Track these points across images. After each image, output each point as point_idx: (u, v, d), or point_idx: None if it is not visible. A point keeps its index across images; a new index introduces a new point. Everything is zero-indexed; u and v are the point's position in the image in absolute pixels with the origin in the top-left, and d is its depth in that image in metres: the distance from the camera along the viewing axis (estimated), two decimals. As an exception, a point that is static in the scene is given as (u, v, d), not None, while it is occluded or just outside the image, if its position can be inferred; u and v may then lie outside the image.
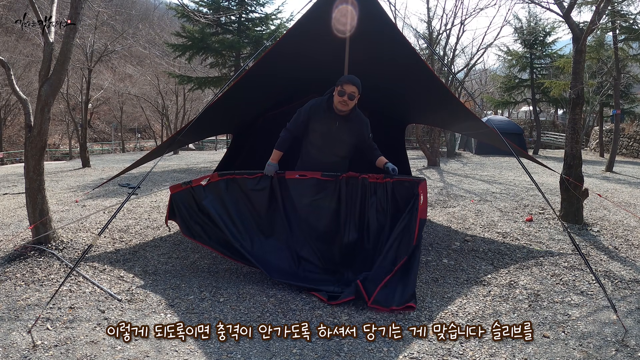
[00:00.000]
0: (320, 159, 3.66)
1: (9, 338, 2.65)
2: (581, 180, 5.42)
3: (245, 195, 3.70)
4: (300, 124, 3.67)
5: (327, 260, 3.63)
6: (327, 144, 3.61)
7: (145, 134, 41.40)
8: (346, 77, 3.55)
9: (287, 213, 3.68)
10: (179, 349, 2.63)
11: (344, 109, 3.51)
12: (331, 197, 3.60)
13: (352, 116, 3.60)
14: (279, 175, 3.65)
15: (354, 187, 3.59)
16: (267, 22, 14.29)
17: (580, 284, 3.71)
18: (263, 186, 3.66)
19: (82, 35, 13.75)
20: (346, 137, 3.63)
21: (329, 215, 3.63)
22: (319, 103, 3.64)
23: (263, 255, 3.60)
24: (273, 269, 3.55)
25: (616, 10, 12.74)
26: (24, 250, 4.07)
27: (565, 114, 29.68)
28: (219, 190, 3.68)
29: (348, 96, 3.45)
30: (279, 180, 3.66)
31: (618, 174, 11.89)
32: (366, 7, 3.76)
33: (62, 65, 4.18)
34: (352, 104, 3.51)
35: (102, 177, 10.06)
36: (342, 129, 3.58)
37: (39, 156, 4.15)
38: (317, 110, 3.62)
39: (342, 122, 3.58)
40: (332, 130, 3.58)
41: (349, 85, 3.45)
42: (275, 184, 3.66)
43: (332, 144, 3.62)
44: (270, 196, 3.68)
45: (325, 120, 3.58)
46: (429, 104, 5.49)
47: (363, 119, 3.72)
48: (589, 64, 16.63)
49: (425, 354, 2.63)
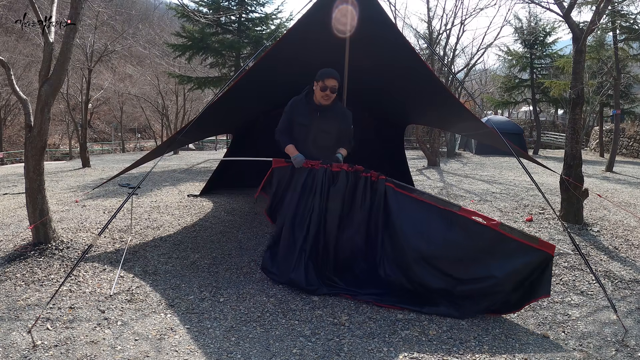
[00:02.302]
0: (303, 150, 3.75)
1: (9, 338, 2.65)
2: (581, 181, 5.42)
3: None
4: (287, 121, 3.79)
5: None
6: (310, 136, 3.71)
7: (145, 134, 41.38)
8: (326, 71, 3.61)
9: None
10: (178, 349, 2.63)
11: (326, 102, 3.63)
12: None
13: (333, 107, 3.71)
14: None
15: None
16: (267, 22, 14.27)
17: (580, 284, 3.71)
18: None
19: (82, 35, 13.72)
20: (328, 128, 3.72)
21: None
22: (299, 99, 3.76)
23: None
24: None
25: (616, 10, 12.73)
26: (24, 250, 4.07)
27: (565, 114, 29.68)
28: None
29: (330, 90, 3.57)
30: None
31: (618, 174, 11.89)
32: (366, 8, 3.76)
33: (62, 65, 4.18)
34: (333, 96, 3.64)
35: (102, 177, 10.06)
36: (323, 120, 3.69)
37: (39, 156, 4.15)
38: (297, 105, 3.75)
39: (323, 113, 3.69)
40: (314, 122, 3.69)
41: (330, 79, 3.56)
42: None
43: (314, 135, 3.71)
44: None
45: (307, 113, 3.70)
46: (429, 105, 5.49)
47: (345, 110, 3.83)
48: (589, 64, 16.62)
49: (425, 354, 2.63)
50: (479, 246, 3.11)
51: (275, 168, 3.72)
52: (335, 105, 3.73)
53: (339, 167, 3.53)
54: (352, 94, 4.59)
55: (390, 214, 3.43)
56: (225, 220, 5.67)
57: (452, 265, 3.17)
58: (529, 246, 2.99)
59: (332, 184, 3.53)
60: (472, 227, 3.14)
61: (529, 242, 3.01)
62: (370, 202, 3.50)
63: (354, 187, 3.53)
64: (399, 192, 3.45)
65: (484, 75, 31.08)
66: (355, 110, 4.14)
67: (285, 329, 2.91)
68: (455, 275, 3.15)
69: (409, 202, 3.41)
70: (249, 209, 6.35)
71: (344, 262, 3.58)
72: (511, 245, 3.02)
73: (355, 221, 3.53)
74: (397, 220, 3.39)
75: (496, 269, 3.03)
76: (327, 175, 3.52)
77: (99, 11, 13.86)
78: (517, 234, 3.06)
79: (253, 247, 4.61)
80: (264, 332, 2.87)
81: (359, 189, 3.52)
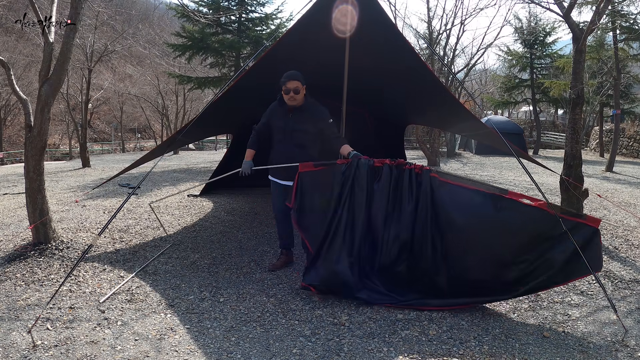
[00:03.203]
0: (281, 150, 3.88)
1: (9, 338, 2.65)
2: (581, 181, 5.42)
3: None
4: (262, 125, 3.97)
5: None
6: (286, 136, 3.83)
7: (145, 134, 41.38)
8: (287, 74, 3.74)
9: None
10: (178, 349, 2.63)
11: (293, 103, 3.77)
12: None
13: (305, 106, 3.82)
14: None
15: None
16: (267, 22, 14.27)
17: (580, 284, 3.71)
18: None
19: (82, 35, 13.72)
20: (302, 127, 3.81)
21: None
22: (275, 103, 3.94)
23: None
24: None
25: (616, 10, 12.73)
26: (24, 250, 4.07)
27: (565, 114, 29.67)
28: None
29: (293, 91, 3.71)
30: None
31: (618, 174, 11.89)
32: (366, 8, 3.76)
33: (62, 65, 4.18)
34: (299, 97, 3.75)
35: (102, 177, 10.06)
36: (297, 119, 3.81)
37: (39, 156, 4.15)
38: (273, 109, 3.93)
39: (296, 113, 3.82)
40: (288, 122, 3.82)
41: (291, 82, 3.70)
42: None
43: (290, 134, 3.82)
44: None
45: (281, 115, 3.86)
46: (429, 106, 5.49)
47: (318, 107, 3.87)
48: (589, 64, 16.62)
49: (425, 354, 2.63)
50: (530, 228, 3.09)
51: (301, 173, 3.57)
52: (308, 104, 3.82)
53: (381, 162, 3.42)
54: (352, 94, 4.58)
55: (440, 206, 3.29)
56: (225, 220, 5.67)
57: (505, 250, 3.12)
58: (577, 222, 3.00)
59: (376, 181, 3.40)
60: (523, 209, 3.12)
61: (577, 219, 3.02)
62: (416, 196, 3.35)
63: (398, 182, 3.39)
64: (444, 183, 3.31)
65: (484, 75, 31.08)
66: (355, 110, 4.14)
67: (285, 329, 2.91)
68: (508, 259, 3.11)
69: (457, 191, 3.28)
70: (249, 209, 6.35)
71: (390, 263, 3.41)
72: (560, 223, 3.01)
73: (403, 218, 3.36)
74: (448, 213, 3.25)
75: (548, 249, 3.04)
76: (369, 171, 3.40)
77: (99, 11, 13.85)
78: (564, 212, 3.08)
79: (253, 247, 4.61)
80: (264, 332, 2.87)
81: (404, 183, 3.37)
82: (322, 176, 3.53)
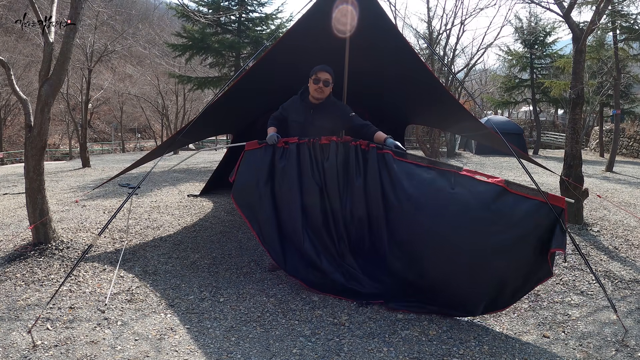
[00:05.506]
0: None
1: (9, 338, 2.65)
2: (581, 181, 5.42)
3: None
4: (280, 116, 3.89)
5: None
6: (304, 132, 3.75)
7: (145, 134, 41.37)
8: (319, 66, 3.70)
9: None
10: (178, 349, 2.63)
11: (320, 96, 3.68)
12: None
13: (326, 103, 3.76)
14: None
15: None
16: (267, 22, 14.27)
17: (580, 284, 3.71)
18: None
19: (82, 35, 13.72)
20: (322, 124, 3.74)
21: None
22: (295, 97, 3.87)
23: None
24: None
25: (616, 10, 12.73)
26: (24, 250, 4.07)
27: (565, 114, 29.67)
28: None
29: (323, 83, 3.64)
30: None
31: (618, 174, 11.89)
32: (366, 8, 3.76)
33: (62, 65, 4.18)
34: (327, 90, 3.69)
35: (102, 177, 10.06)
36: (317, 116, 3.74)
37: (39, 156, 4.15)
38: (292, 103, 3.85)
39: (317, 110, 3.75)
40: (308, 118, 3.75)
41: (323, 73, 3.63)
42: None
43: (308, 131, 3.75)
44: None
45: (301, 110, 3.78)
46: (429, 106, 5.49)
47: (339, 103, 3.86)
48: (589, 64, 16.63)
49: (425, 354, 2.63)
50: (485, 206, 2.92)
51: (246, 151, 3.58)
52: (330, 102, 3.78)
53: (328, 139, 3.44)
54: (352, 95, 4.58)
55: (395, 182, 3.22)
56: (225, 220, 5.67)
57: (462, 230, 2.95)
58: (537, 201, 2.85)
59: (325, 159, 3.43)
60: (478, 187, 2.97)
61: (537, 198, 2.86)
62: (364, 172, 3.33)
63: (346, 158, 3.41)
64: (399, 161, 3.28)
65: (484, 75, 31.07)
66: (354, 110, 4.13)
67: (285, 329, 2.91)
68: (465, 239, 2.94)
69: (411, 168, 3.23)
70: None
71: (357, 239, 3.42)
72: (519, 201, 2.86)
73: (354, 195, 3.35)
74: (403, 189, 3.17)
75: (506, 230, 2.86)
76: (315, 149, 3.45)
77: (99, 11, 13.85)
78: (524, 190, 2.92)
79: (253, 247, 4.61)
80: (264, 332, 2.87)
81: (350, 159, 3.39)
82: (264, 154, 3.55)
